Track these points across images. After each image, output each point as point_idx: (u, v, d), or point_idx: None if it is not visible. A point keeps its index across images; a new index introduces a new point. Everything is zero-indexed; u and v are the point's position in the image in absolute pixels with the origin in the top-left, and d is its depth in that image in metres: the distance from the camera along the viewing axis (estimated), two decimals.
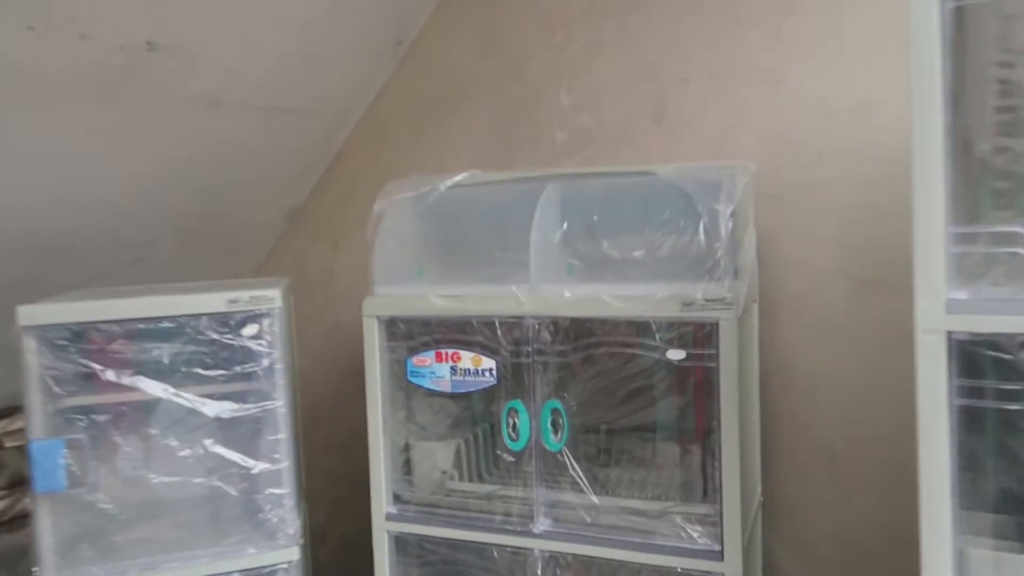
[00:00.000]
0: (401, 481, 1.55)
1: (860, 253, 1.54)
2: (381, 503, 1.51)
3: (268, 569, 1.45)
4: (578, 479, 1.37)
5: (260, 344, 1.44)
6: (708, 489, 1.30)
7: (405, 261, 1.52)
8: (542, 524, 1.39)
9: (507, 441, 1.41)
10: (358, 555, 2.36)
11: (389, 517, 1.51)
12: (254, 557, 1.44)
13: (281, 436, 1.47)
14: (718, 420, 1.24)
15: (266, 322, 1.45)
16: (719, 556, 1.27)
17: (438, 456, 1.55)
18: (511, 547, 1.42)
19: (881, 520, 1.55)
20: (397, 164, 2.10)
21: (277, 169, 2.07)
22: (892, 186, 1.50)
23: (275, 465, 1.47)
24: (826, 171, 1.56)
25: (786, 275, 1.60)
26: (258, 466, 1.46)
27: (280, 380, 1.47)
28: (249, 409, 1.45)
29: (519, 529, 1.41)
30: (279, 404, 1.46)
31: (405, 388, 1.55)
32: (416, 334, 1.47)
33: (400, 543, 1.53)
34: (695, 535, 1.29)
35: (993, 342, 0.82)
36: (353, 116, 2.15)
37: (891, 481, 1.54)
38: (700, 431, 1.31)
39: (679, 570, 1.30)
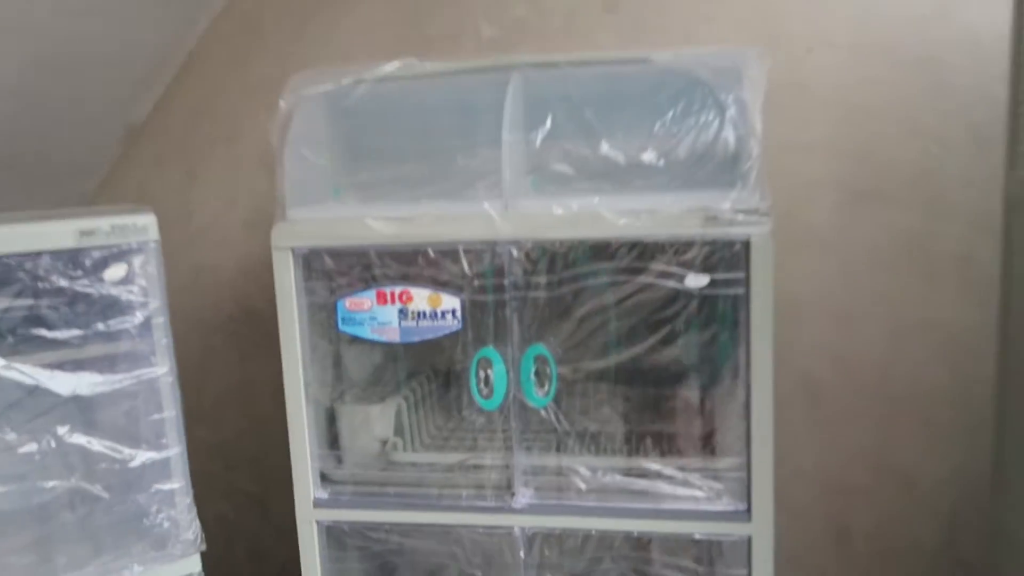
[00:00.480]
0: (328, 457, 1.22)
1: (853, 160, 1.36)
2: (307, 486, 1.18)
3: None
4: (569, 439, 1.12)
5: (130, 292, 1.04)
6: (730, 440, 1.08)
7: (325, 176, 1.16)
8: (524, 496, 1.13)
9: (477, 398, 1.12)
10: (271, 554, 2.01)
11: (318, 503, 1.19)
12: None
13: (168, 414, 1.09)
14: (745, 359, 1.03)
15: (137, 261, 1.05)
16: (745, 516, 1.07)
17: (375, 422, 1.23)
18: (484, 527, 1.14)
19: (868, 455, 1.43)
20: (269, 69, 1.68)
21: (109, 74, 1.58)
22: (893, 84, 1.33)
23: (161, 453, 1.09)
24: (816, 68, 1.36)
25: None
26: (138, 456, 1.07)
27: (161, 339, 1.08)
28: (120, 382, 1.05)
29: (494, 505, 1.13)
30: (161, 372, 1.08)
31: (328, 338, 1.21)
32: (348, 270, 1.13)
33: (334, 535, 1.21)
34: (715, 495, 1.08)
35: None
36: (211, 5, 1.69)
37: (878, 413, 1.42)
38: (721, 373, 1.09)
39: (696, 537, 1.09)
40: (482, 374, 1.11)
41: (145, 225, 1.04)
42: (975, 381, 1.34)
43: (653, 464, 1.11)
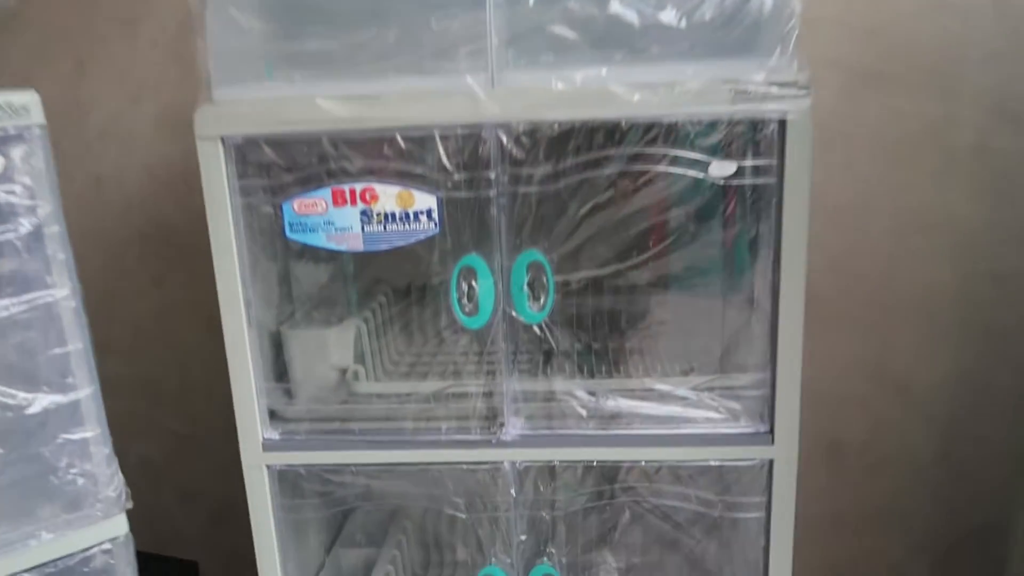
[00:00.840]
0: (276, 391, 1.03)
1: (861, 37, 1.21)
2: (254, 426, 0.99)
3: (79, 557, 0.90)
4: (567, 360, 0.96)
5: (12, 192, 0.81)
6: (751, 355, 0.95)
7: (258, 47, 0.93)
8: (514, 427, 0.97)
9: (459, 315, 0.94)
10: (205, 499, 1.80)
11: (269, 446, 1.00)
12: (52, 545, 0.87)
13: (73, 348, 0.88)
14: (776, 258, 0.88)
15: (17, 153, 0.81)
16: (767, 439, 0.94)
17: (331, 348, 1.04)
18: (469, 464, 0.99)
19: (862, 363, 1.34)
20: None
21: None
22: None
23: (67, 395, 0.88)
24: None
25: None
26: (37, 401, 0.86)
27: (58, 254, 0.85)
28: (7, 308, 0.83)
29: (480, 438, 0.97)
30: (61, 295, 0.86)
31: (271, 249, 1.00)
32: (295, 164, 0.92)
33: (288, 480, 1.04)
34: (732, 416, 0.95)
35: None
36: None
37: (875, 318, 1.32)
38: (744, 276, 0.94)
39: (712, 463, 0.96)
40: (464, 286, 0.93)
41: (25, 105, 0.80)
42: (979, 281, 1.25)
43: (662, 384, 0.97)
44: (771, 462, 0.95)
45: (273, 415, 1.02)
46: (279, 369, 1.04)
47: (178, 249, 1.65)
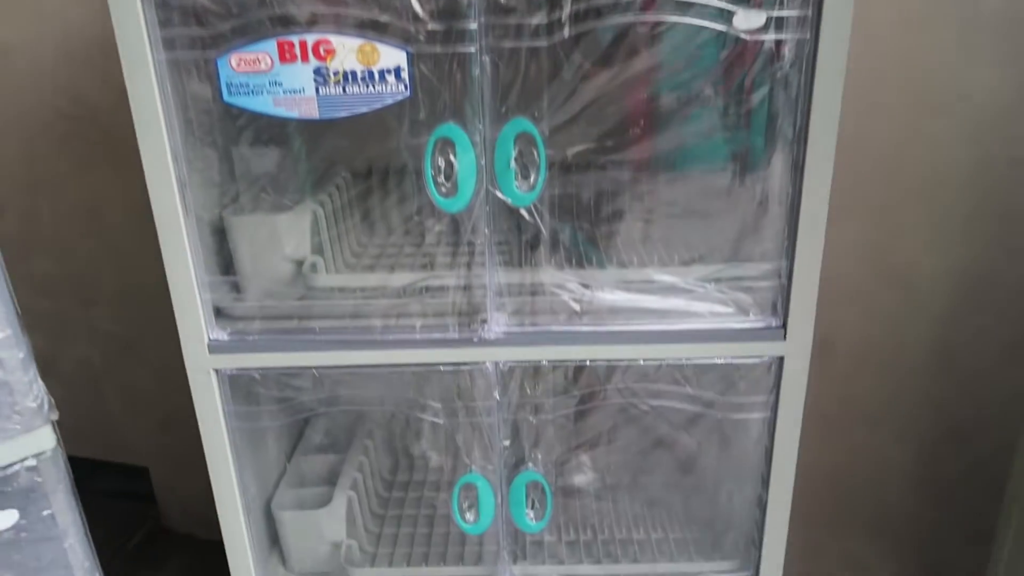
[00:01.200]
0: (222, 286, 0.90)
1: None
2: (198, 326, 0.86)
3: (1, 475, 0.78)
4: (558, 248, 0.84)
5: None
6: (767, 242, 0.84)
7: None
8: (498, 323, 0.86)
9: (434, 196, 0.80)
10: (152, 404, 1.67)
11: (215, 347, 0.87)
12: None
13: None
14: (804, 129, 0.76)
15: None
16: (779, 334, 0.85)
17: (284, 236, 0.90)
18: (446, 364, 0.88)
19: (863, 254, 1.25)
20: None
21: None
22: None
23: None
24: None
25: None
26: None
27: None
28: None
29: (460, 337, 0.86)
30: None
31: (207, 120, 0.84)
32: (231, 10, 0.75)
33: (240, 387, 0.92)
34: (742, 309, 0.85)
35: None
36: None
37: (882, 204, 1.22)
38: (761, 151, 0.82)
39: (719, 362, 0.87)
40: (441, 163, 0.79)
41: None
42: (1001, 161, 1.15)
43: (665, 275, 0.86)
44: (781, 359, 0.87)
45: (220, 313, 0.89)
46: (224, 262, 0.90)
47: (104, 131, 1.46)
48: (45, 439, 0.80)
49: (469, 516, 0.98)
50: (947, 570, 1.42)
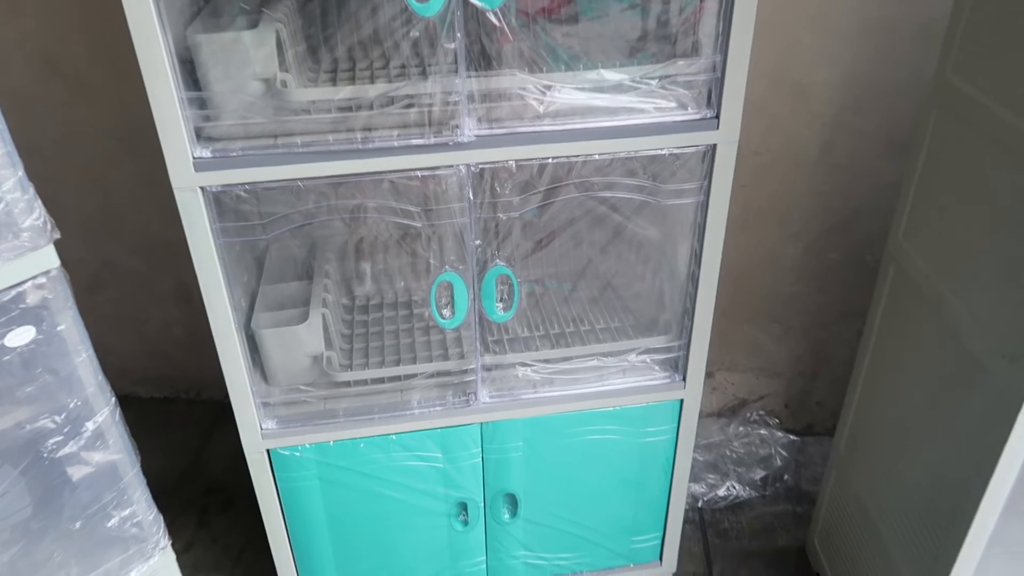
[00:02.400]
0: (190, 104, 0.92)
1: None
2: (182, 144, 0.89)
3: (8, 295, 0.80)
4: (522, 51, 0.92)
5: None
6: (702, 40, 0.94)
7: None
8: (469, 128, 0.94)
9: (410, 1, 0.85)
10: (119, 230, 1.64)
11: (200, 165, 0.91)
12: None
13: None
14: None
15: None
16: (714, 124, 0.98)
17: (251, 51, 0.93)
18: (423, 169, 0.95)
19: (768, 67, 1.39)
20: None
21: None
22: None
23: None
24: None
25: None
26: None
27: None
28: None
29: (434, 142, 0.94)
30: None
31: None
32: None
33: (227, 205, 0.96)
34: (682, 104, 0.97)
35: None
36: None
37: (780, 16, 1.35)
38: None
39: (663, 152, 0.99)
40: None
41: None
42: None
43: (615, 74, 0.96)
44: (714, 147, 1.00)
45: (199, 135, 0.92)
46: (190, 81, 0.92)
47: None
48: (50, 257, 0.83)
49: (446, 312, 1.08)
50: (829, 344, 1.68)
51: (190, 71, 0.91)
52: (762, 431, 1.69)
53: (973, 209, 0.98)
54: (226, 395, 1.07)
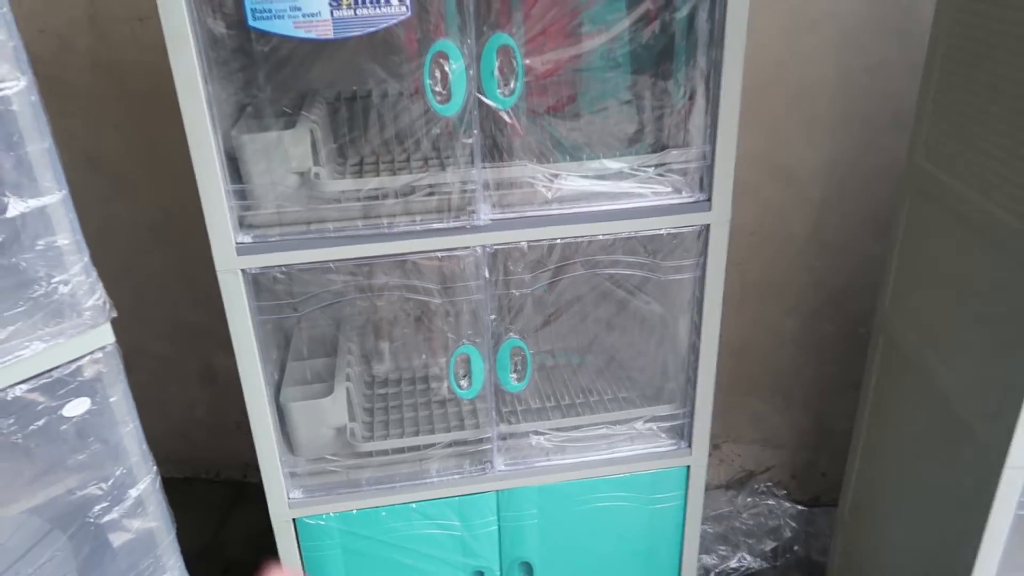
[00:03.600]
0: (234, 196, 1.02)
1: None
2: (226, 231, 0.99)
3: (69, 368, 0.88)
4: (530, 149, 1.03)
5: None
6: (695, 132, 1.05)
7: None
8: (485, 213, 1.04)
9: (433, 104, 0.96)
10: (147, 316, 1.72)
11: (242, 250, 1.00)
12: (44, 356, 0.85)
13: (33, 148, 0.82)
14: (720, 34, 0.97)
15: None
16: (707, 206, 1.07)
17: (289, 149, 1.04)
18: (444, 251, 1.04)
19: (757, 154, 1.50)
20: None
21: None
22: None
23: (41, 198, 0.83)
24: None
25: None
26: (11, 204, 0.81)
27: (7, 40, 0.78)
28: None
29: (453, 226, 1.03)
30: (15, 87, 0.79)
31: (227, 47, 0.96)
32: None
33: (264, 286, 1.05)
34: (675, 189, 1.07)
35: None
36: None
37: (770, 112, 1.47)
38: (686, 56, 1.03)
39: (661, 232, 1.08)
40: (437, 73, 0.95)
41: None
42: (858, 74, 1.43)
43: (616, 163, 1.06)
44: (708, 227, 1.09)
45: (241, 223, 1.02)
46: (232, 174, 1.02)
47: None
48: (107, 334, 0.91)
49: (463, 383, 1.16)
50: (830, 415, 1.73)
51: (234, 166, 1.01)
52: (770, 502, 1.72)
53: (950, 281, 1.07)
54: (244, 475, 1.13)
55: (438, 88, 0.95)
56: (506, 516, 1.25)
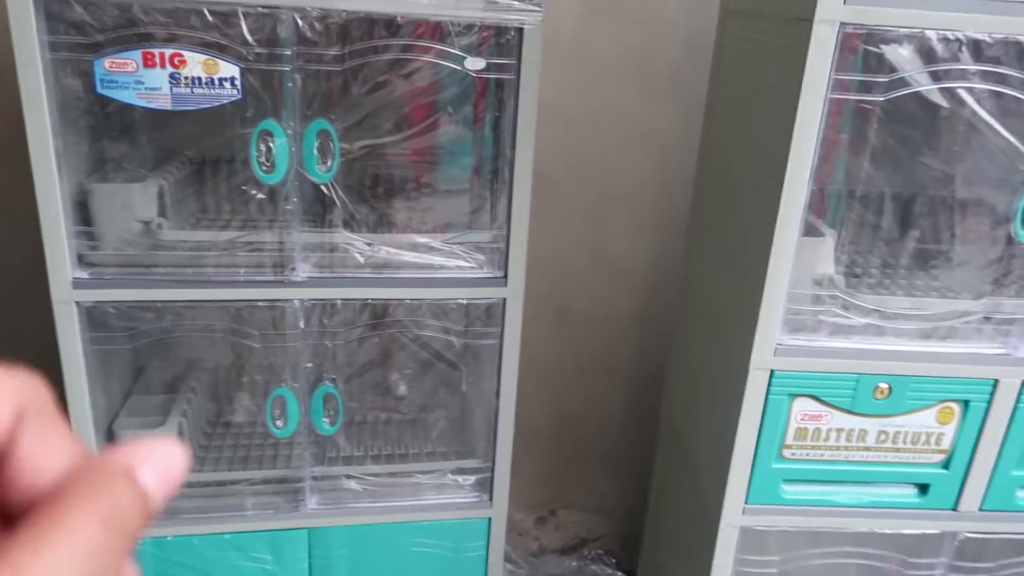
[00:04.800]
0: (79, 236, 1.15)
1: None
2: (64, 266, 1.11)
3: None
4: (349, 215, 1.18)
5: None
6: (494, 216, 1.22)
7: None
8: (303, 271, 1.18)
9: (258, 173, 1.12)
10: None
11: (78, 284, 1.13)
12: None
13: None
14: (512, 140, 1.15)
15: None
16: (503, 282, 1.23)
17: (135, 200, 1.17)
18: (264, 301, 1.18)
19: (587, 245, 1.68)
20: None
21: None
22: None
23: None
24: None
25: None
26: None
27: None
28: None
29: (273, 279, 1.17)
30: None
31: (82, 108, 1.11)
32: (106, 25, 1.03)
33: (97, 319, 1.17)
34: (478, 264, 1.23)
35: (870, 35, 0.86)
36: None
37: (598, 210, 1.66)
38: (490, 154, 1.21)
39: (463, 302, 1.24)
40: (263, 147, 1.11)
41: None
42: (676, 183, 1.63)
43: (424, 239, 1.22)
44: (504, 300, 1.25)
45: (81, 259, 1.14)
46: (83, 219, 1.15)
47: None
48: None
49: (279, 423, 1.27)
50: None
51: (83, 208, 1.14)
52: (595, 567, 1.84)
53: (702, 361, 1.23)
54: None
55: (263, 160, 1.11)
56: (317, 554, 1.35)
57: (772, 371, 1.02)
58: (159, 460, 0.24)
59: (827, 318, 1.03)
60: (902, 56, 0.87)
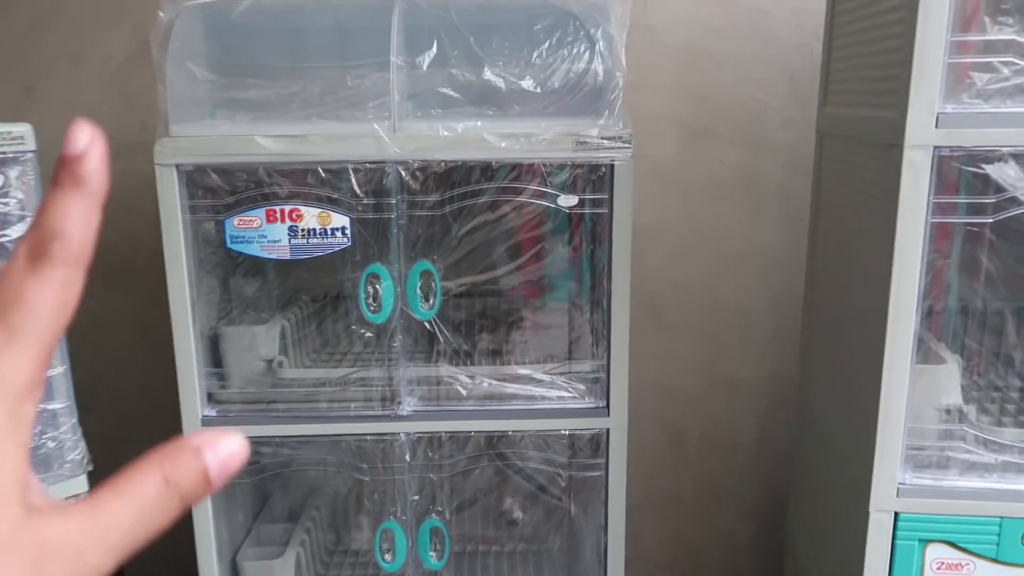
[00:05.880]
0: (210, 377, 1.24)
1: (693, 102, 1.53)
2: (195, 405, 1.20)
3: None
4: (451, 350, 1.22)
5: (6, 204, 1.01)
6: (595, 345, 1.22)
7: (204, 93, 1.16)
8: (409, 404, 1.22)
9: (366, 313, 1.18)
10: None
11: (207, 421, 1.21)
12: None
13: None
14: (608, 271, 1.17)
15: (14, 172, 1.01)
16: (604, 412, 1.22)
17: (259, 341, 1.26)
18: (372, 435, 1.22)
19: (699, 366, 1.64)
20: None
21: None
22: (728, 32, 1.51)
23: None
24: (662, 11, 1.50)
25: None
26: None
27: None
28: None
29: (381, 413, 1.21)
30: None
31: (215, 260, 1.22)
32: (236, 188, 1.15)
33: None
34: (578, 394, 1.22)
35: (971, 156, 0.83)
36: None
37: (709, 329, 1.63)
38: (587, 285, 1.22)
39: (565, 432, 1.23)
40: (371, 289, 1.17)
41: (22, 134, 1.01)
42: (788, 299, 1.58)
43: (526, 370, 1.23)
44: (608, 431, 1.23)
45: (210, 397, 1.23)
46: (214, 360, 1.25)
47: (111, 266, 1.82)
48: (82, 484, 1.11)
49: (388, 557, 1.28)
50: None
51: (213, 348, 1.25)
52: None
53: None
54: None
55: (370, 300, 1.18)
56: None
57: (896, 513, 0.94)
58: (222, 446, 0.30)
59: (956, 454, 0.94)
60: (1008, 174, 0.83)
